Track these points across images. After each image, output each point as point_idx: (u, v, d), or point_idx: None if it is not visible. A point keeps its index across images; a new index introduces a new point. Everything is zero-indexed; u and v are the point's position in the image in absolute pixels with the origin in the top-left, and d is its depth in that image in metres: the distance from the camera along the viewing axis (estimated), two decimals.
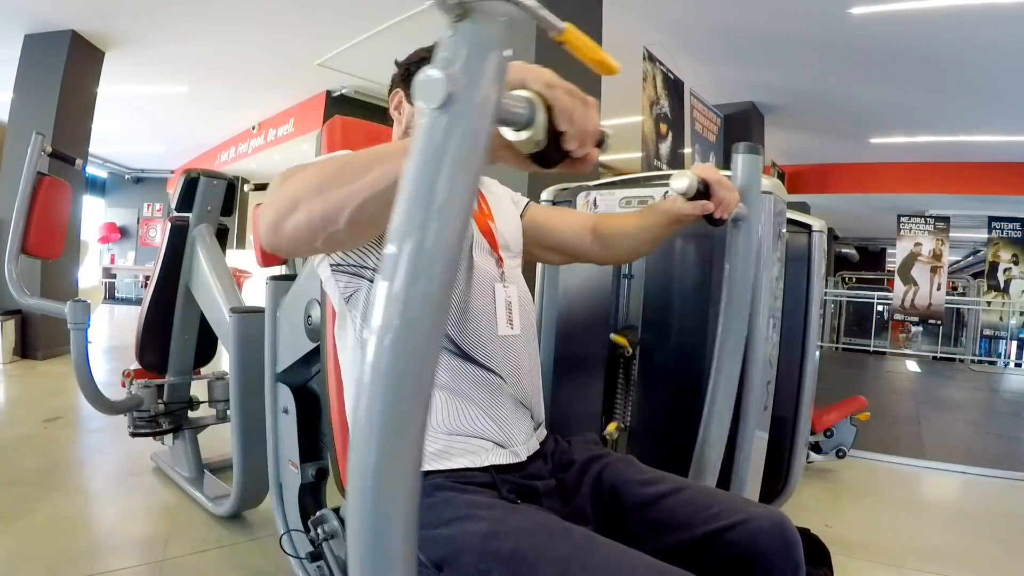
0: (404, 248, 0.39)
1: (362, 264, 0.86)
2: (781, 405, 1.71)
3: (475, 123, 0.41)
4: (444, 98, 0.40)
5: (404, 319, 0.38)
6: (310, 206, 0.61)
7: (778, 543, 0.77)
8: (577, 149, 0.53)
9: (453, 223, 0.40)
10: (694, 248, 1.49)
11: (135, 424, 2.21)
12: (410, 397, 0.39)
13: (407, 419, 0.39)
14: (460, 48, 0.41)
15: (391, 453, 0.38)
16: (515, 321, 0.92)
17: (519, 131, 0.49)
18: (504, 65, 0.42)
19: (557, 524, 0.75)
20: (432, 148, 0.40)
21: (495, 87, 0.42)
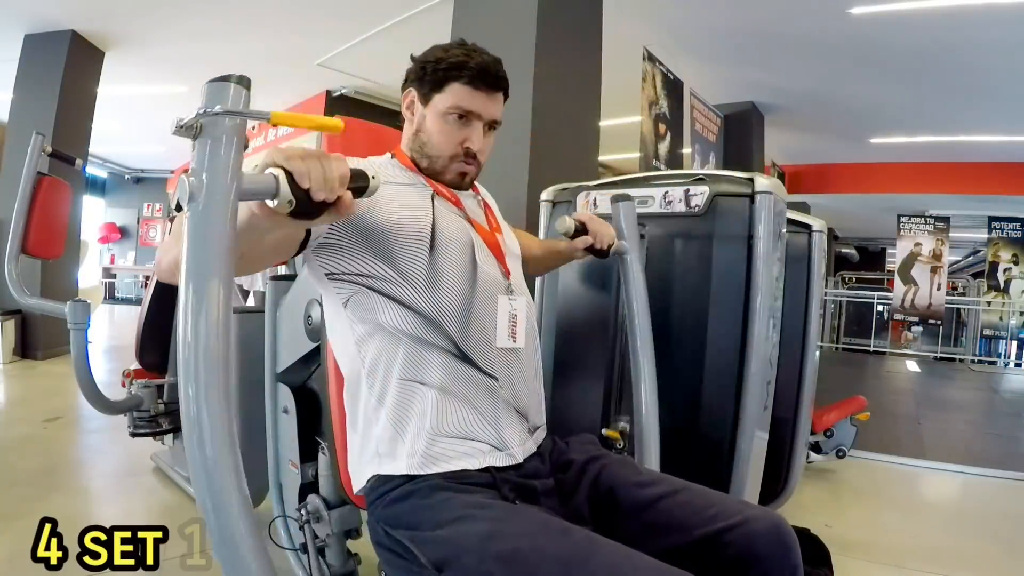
0: (187, 300, 0.55)
1: (358, 272, 0.86)
2: (781, 405, 1.71)
3: (220, 209, 0.55)
4: (189, 196, 0.55)
5: (192, 363, 0.54)
6: (169, 252, 0.72)
7: (775, 546, 0.77)
8: (328, 197, 0.62)
9: (219, 284, 0.55)
10: (695, 251, 1.49)
11: (135, 424, 2.21)
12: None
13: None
14: (200, 158, 0.56)
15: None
16: (519, 335, 0.92)
17: (273, 200, 0.60)
18: (237, 158, 0.56)
19: (557, 524, 0.75)
20: (192, 233, 0.55)
21: (228, 178, 0.56)
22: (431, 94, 0.93)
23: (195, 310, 0.54)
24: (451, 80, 0.91)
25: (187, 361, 0.54)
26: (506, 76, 0.96)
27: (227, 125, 0.57)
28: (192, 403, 0.53)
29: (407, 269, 0.86)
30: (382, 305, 0.85)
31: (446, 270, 0.88)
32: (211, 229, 0.55)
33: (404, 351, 0.85)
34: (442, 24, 2.66)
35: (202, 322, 0.54)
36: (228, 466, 0.53)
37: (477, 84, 0.92)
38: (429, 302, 0.86)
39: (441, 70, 0.91)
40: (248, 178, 0.59)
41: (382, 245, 0.85)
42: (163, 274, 0.73)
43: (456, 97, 0.92)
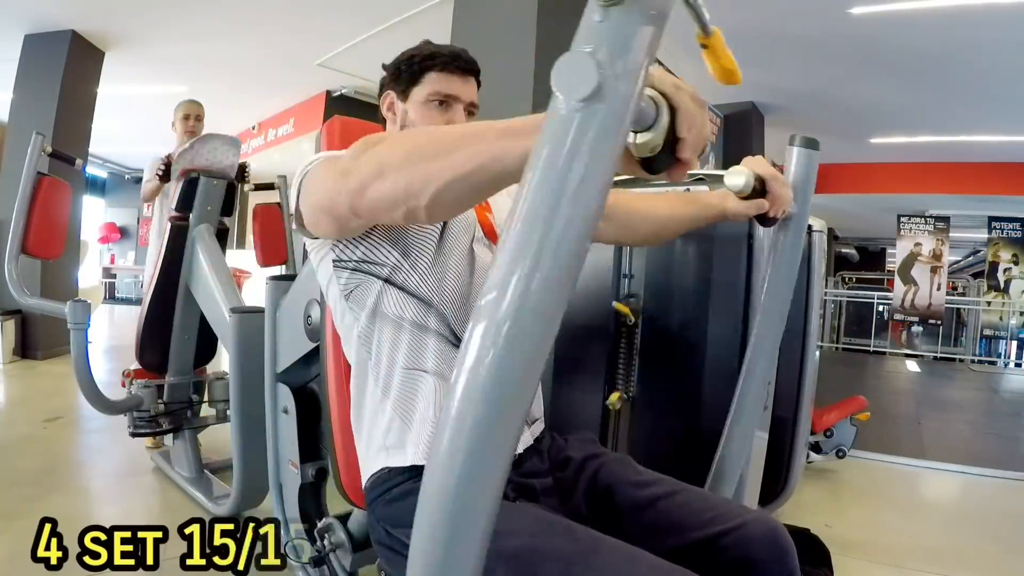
0: (523, 257, 0.37)
1: (369, 259, 0.85)
2: (781, 405, 1.71)
3: (618, 121, 0.37)
4: (592, 90, 0.36)
5: (516, 326, 0.36)
6: (396, 176, 0.60)
7: (771, 551, 0.76)
8: (690, 157, 0.51)
9: (579, 232, 0.37)
10: (694, 246, 1.49)
11: (135, 424, 2.21)
12: (523, 382, 0.38)
13: (520, 399, 0.38)
14: (611, 35, 0.37)
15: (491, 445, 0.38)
16: None
17: (640, 133, 0.47)
18: (652, 61, 0.39)
19: (559, 522, 0.75)
20: (571, 144, 0.36)
21: (642, 83, 0.38)
22: (409, 88, 0.96)
23: (545, 258, 0.37)
24: (426, 70, 0.95)
25: (528, 293, 0.36)
26: (476, 63, 0.99)
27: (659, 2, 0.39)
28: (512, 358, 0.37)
29: (415, 253, 0.86)
30: (385, 292, 0.85)
31: (451, 253, 0.89)
32: (608, 143, 0.37)
33: (407, 339, 0.85)
34: (442, 24, 2.66)
35: (554, 283, 0.37)
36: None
37: (452, 69, 0.95)
38: (433, 288, 0.86)
39: (416, 63, 0.95)
40: None
41: (399, 231, 0.86)
42: (365, 206, 0.64)
43: (434, 84, 0.95)
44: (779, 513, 2.00)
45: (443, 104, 0.95)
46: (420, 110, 0.95)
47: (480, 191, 0.59)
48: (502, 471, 0.40)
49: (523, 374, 0.38)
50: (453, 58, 0.95)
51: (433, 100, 0.94)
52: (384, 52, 1.09)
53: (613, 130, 0.37)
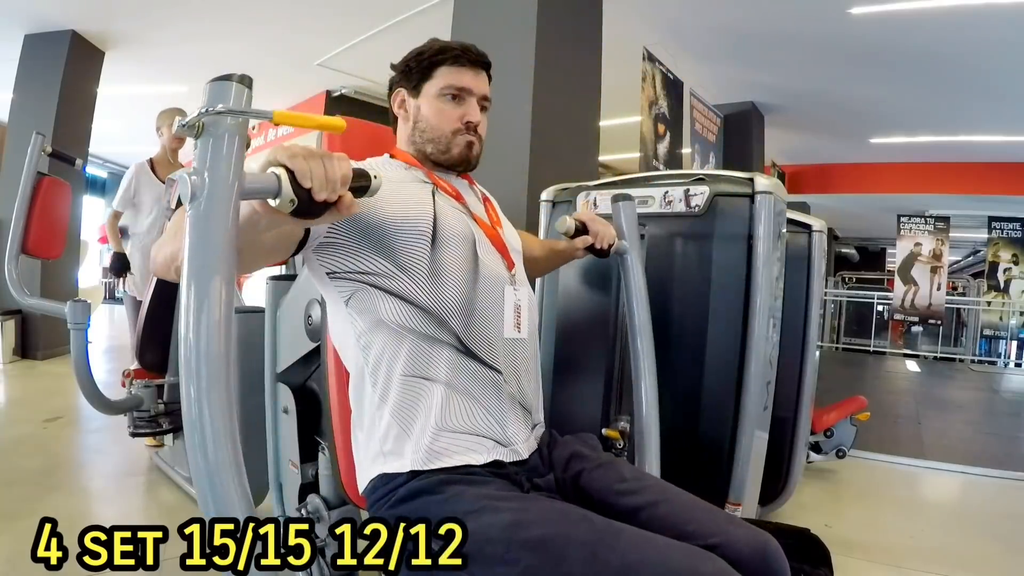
0: (190, 298, 0.55)
1: (359, 269, 0.86)
2: (781, 405, 1.71)
3: (222, 207, 0.55)
4: (191, 195, 0.55)
5: (192, 361, 0.54)
6: (167, 248, 0.72)
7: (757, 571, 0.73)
8: (330, 196, 0.62)
9: (221, 282, 0.55)
10: (695, 251, 1.49)
11: (135, 424, 2.21)
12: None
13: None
14: (202, 156, 0.56)
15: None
16: (523, 325, 0.92)
17: (275, 199, 0.60)
18: (239, 157, 0.57)
19: (575, 511, 0.76)
20: (193, 231, 0.55)
21: (233, 177, 0.56)
22: (421, 84, 0.96)
23: (196, 309, 0.54)
24: (437, 65, 0.95)
25: (188, 360, 0.53)
26: (487, 56, 0.99)
27: (229, 124, 0.57)
28: (194, 403, 0.53)
29: (408, 264, 0.86)
30: (384, 302, 0.85)
31: (448, 264, 0.88)
32: (213, 227, 0.55)
33: (408, 348, 0.85)
34: (442, 24, 2.66)
35: (203, 321, 0.54)
36: (230, 466, 0.53)
37: (463, 62, 0.95)
38: (432, 297, 0.86)
39: (426, 59, 0.96)
40: (250, 177, 0.59)
41: (383, 241, 0.85)
42: (158, 270, 0.74)
43: (446, 78, 0.95)
44: (779, 513, 2.00)
45: (456, 98, 0.95)
46: (433, 104, 0.95)
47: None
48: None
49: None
50: (464, 51, 0.95)
51: (446, 94, 0.95)
52: (384, 52, 1.09)
53: (218, 214, 0.55)
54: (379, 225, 0.85)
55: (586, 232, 1.14)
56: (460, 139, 0.97)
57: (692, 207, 1.46)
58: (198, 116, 0.56)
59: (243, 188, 0.58)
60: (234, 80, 0.58)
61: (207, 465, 0.52)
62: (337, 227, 0.84)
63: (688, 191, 1.47)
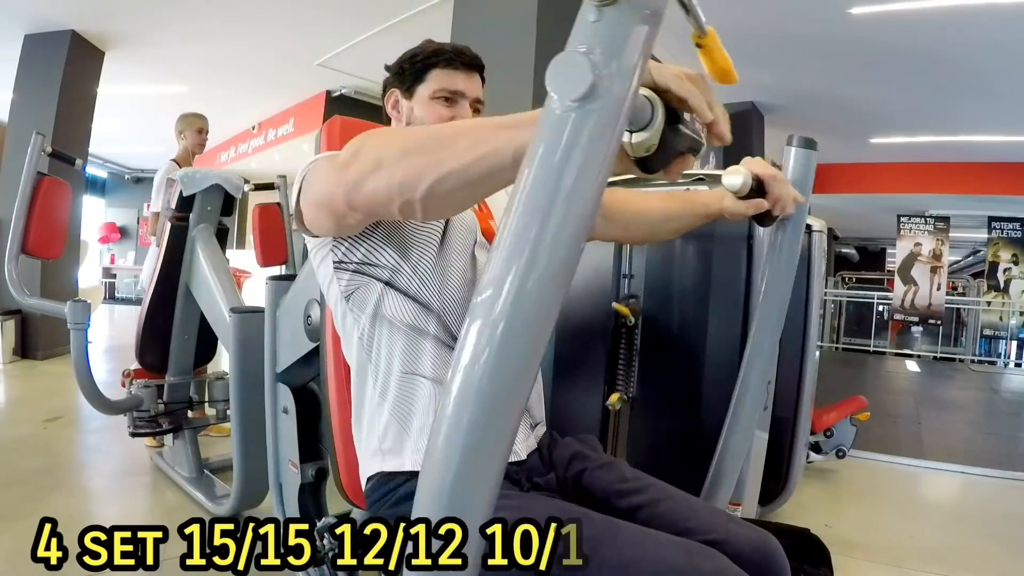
0: (518, 255, 0.38)
1: (370, 262, 0.85)
2: (781, 405, 1.71)
3: (612, 121, 0.37)
4: (587, 89, 0.36)
5: (511, 325, 0.38)
6: (391, 169, 0.60)
7: (758, 570, 0.72)
8: (722, 131, 0.53)
9: (574, 233, 0.38)
10: (694, 246, 1.49)
11: (135, 424, 2.21)
12: (519, 381, 0.39)
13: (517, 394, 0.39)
14: (605, 35, 0.37)
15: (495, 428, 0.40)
16: None
17: (635, 132, 0.47)
18: (647, 60, 0.39)
19: (575, 509, 0.76)
20: (566, 143, 0.36)
21: (637, 83, 0.38)
22: (414, 86, 0.96)
23: (540, 257, 0.37)
24: (431, 67, 0.94)
25: (517, 311, 0.38)
26: (480, 58, 0.98)
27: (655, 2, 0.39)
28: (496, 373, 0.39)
29: (416, 256, 0.86)
30: (385, 296, 0.85)
31: (452, 257, 0.88)
32: (606, 136, 0.38)
33: (403, 343, 0.85)
34: (442, 24, 2.66)
35: (549, 279, 0.38)
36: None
37: (456, 65, 0.95)
38: (433, 292, 0.86)
39: (420, 61, 0.95)
40: None
41: (400, 234, 0.85)
42: (361, 200, 0.64)
43: (439, 81, 0.94)
44: (779, 513, 2.00)
45: (449, 100, 0.94)
46: (426, 107, 0.95)
47: (476, 186, 0.58)
48: (498, 469, 0.41)
49: (519, 373, 0.39)
50: (457, 54, 0.95)
51: (439, 96, 0.94)
52: (384, 52, 1.09)
53: (608, 130, 0.37)
54: None
55: (763, 193, 0.85)
56: None
57: None
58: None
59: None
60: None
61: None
62: None
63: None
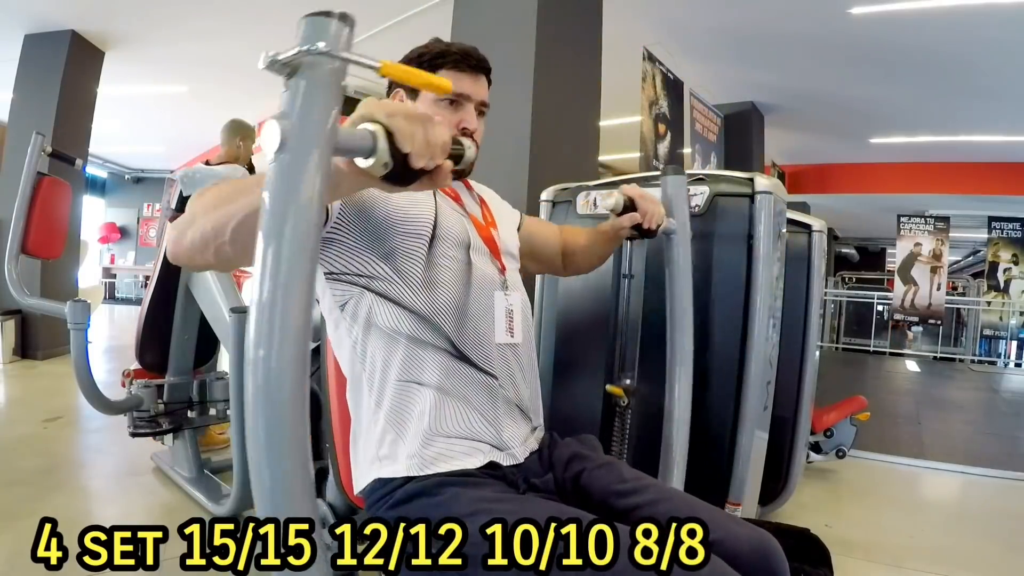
0: (266, 262, 0.47)
1: (357, 272, 0.86)
2: (781, 405, 1.71)
3: (306, 164, 0.48)
4: (279, 144, 0.47)
5: (265, 328, 0.46)
6: (203, 221, 0.67)
7: (758, 570, 0.73)
8: (427, 164, 0.58)
9: (303, 246, 0.47)
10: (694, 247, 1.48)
11: (135, 424, 2.21)
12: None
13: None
14: (293, 100, 0.49)
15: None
16: (516, 330, 0.92)
17: (367, 159, 0.55)
18: (334, 106, 0.49)
19: (567, 511, 0.76)
20: (277, 185, 0.47)
21: (326, 127, 0.49)
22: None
23: (273, 275, 0.46)
24: (437, 68, 0.93)
25: (260, 332, 0.46)
26: (487, 60, 0.98)
27: (327, 66, 0.49)
28: (265, 378, 0.46)
29: (404, 267, 0.86)
30: (379, 306, 0.85)
31: (442, 266, 0.88)
32: (302, 181, 0.47)
33: (402, 352, 0.85)
34: (442, 24, 2.66)
35: (280, 290, 0.46)
36: (299, 463, 0.48)
37: (462, 67, 0.94)
38: (425, 301, 0.86)
39: (426, 61, 0.94)
40: (343, 131, 0.53)
41: (383, 240, 0.85)
42: (184, 252, 0.70)
43: None
44: (779, 513, 2.00)
45: (454, 103, 0.93)
46: (431, 109, 0.93)
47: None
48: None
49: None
50: (464, 56, 0.94)
51: (444, 99, 0.93)
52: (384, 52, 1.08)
53: (308, 170, 0.48)
54: (381, 222, 0.85)
55: (634, 209, 1.05)
56: None
57: (692, 207, 1.46)
58: (296, 54, 0.49)
59: (336, 142, 0.51)
60: (335, 17, 0.51)
61: (272, 456, 0.47)
62: (341, 221, 0.83)
63: (688, 191, 1.46)
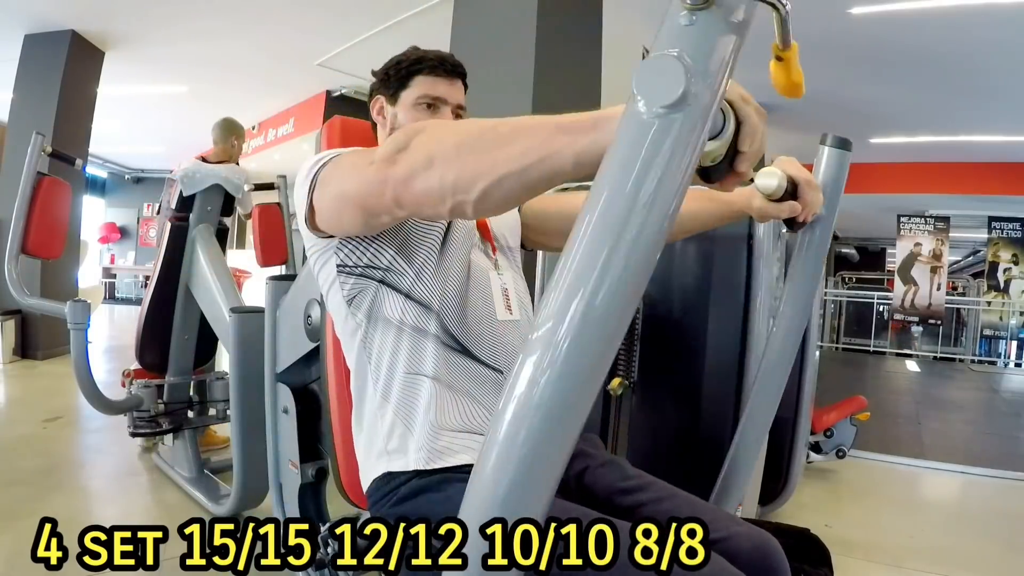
0: (598, 257, 0.37)
1: (373, 264, 0.85)
2: (781, 405, 1.70)
3: (699, 129, 0.37)
4: (679, 96, 0.35)
5: (587, 325, 0.37)
6: (445, 168, 0.58)
7: (758, 568, 0.73)
8: (747, 170, 0.51)
9: (652, 240, 0.37)
10: (694, 246, 1.49)
11: (135, 424, 2.21)
12: (580, 400, 0.40)
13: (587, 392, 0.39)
14: (697, 40, 0.37)
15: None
16: (513, 307, 0.93)
17: (715, 139, 0.46)
18: (734, 68, 0.39)
19: (573, 508, 0.76)
20: (648, 151, 0.35)
21: (722, 91, 0.38)
22: (398, 92, 0.98)
23: (617, 278, 0.37)
24: (414, 74, 0.97)
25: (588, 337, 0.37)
26: (462, 65, 1.01)
27: (749, 7, 0.40)
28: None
29: (418, 258, 0.86)
30: (388, 297, 0.86)
31: (452, 257, 0.89)
32: (691, 148, 0.37)
33: (408, 344, 0.85)
34: (442, 24, 2.66)
35: (619, 298, 0.38)
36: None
37: (438, 72, 0.97)
38: (434, 293, 0.86)
39: (404, 68, 0.98)
40: None
41: (403, 236, 0.86)
42: (411, 198, 0.61)
43: (422, 87, 0.97)
44: (779, 513, 2.00)
45: (431, 107, 0.97)
46: (409, 113, 0.97)
47: (532, 189, 0.57)
48: (552, 487, 0.41)
49: (580, 392, 0.39)
50: (440, 62, 0.98)
51: (421, 103, 0.97)
52: (384, 52, 1.09)
53: (693, 138, 0.36)
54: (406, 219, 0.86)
55: (795, 196, 0.81)
56: None
57: None
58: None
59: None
60: None
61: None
62: None
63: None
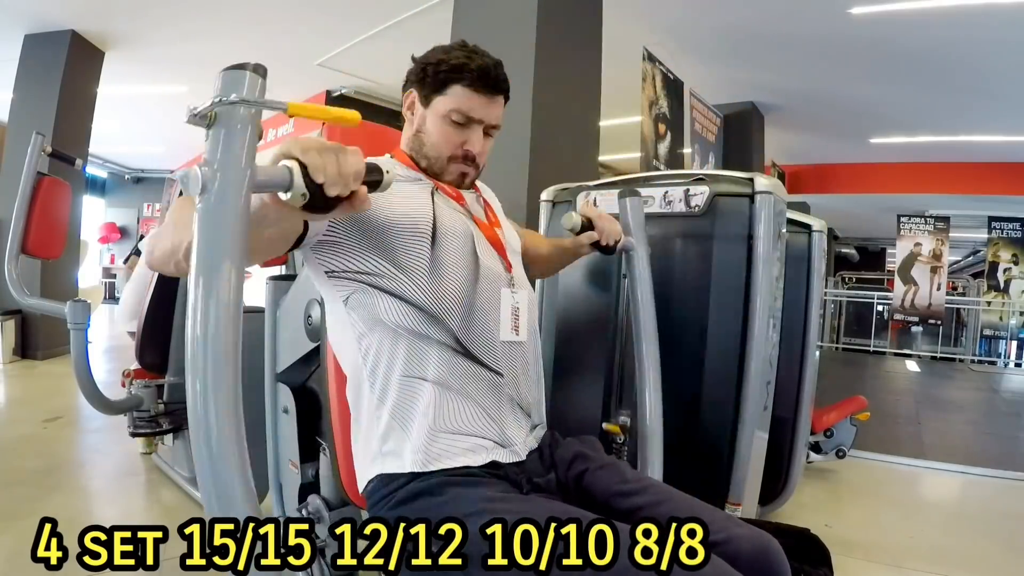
0: (198, 294, 0.54)
1: (359, 269, 0.85)
2: (781, 405, 1.71)
3: (228, 201, 0.55)
4: (201, 188, 0.54)
5: (200, 356, 0.53)
6: (167, 238, 0.71)
7: (759, 571, 0.73)
8: (342, 191, 0.62)
9: (230, 279, 0.54)
10: (695, 251, 1.49)
11: (135, 424, 2.21)
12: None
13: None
14: (213, 147, 0.55)
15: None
16: (521, 327, 0.92)
17: (286, 192, 0.60)
18: (252, 148, 0.56)
19: (571, 511, 0.76)
20: (204, 224, 0.55)
21: (243, 169, 0.55)
22: (432, 96, 0.94)
23: (204, 303, 0.53)
24: (452, 83, 0.91)
25: (196, 356, 0.53)
26: (507, 79, 0.96)
27: (242, 114, 0.56)
28: (200, 399, 0.52)
29: (408, 263, 0.85)
30: (383, 301, 0.85)
31: (447, 261, 0.88)
32: (223, 220, 0.54)
33: (405, 347, 0.85)
34: (442, 24, 2.66)
35: (212, 316, 0.53)
36: (235, 464, 0.53)
37: (478, 87, 0.92)
38: (431, 294, 0.85)
39: (442, 72, 0.92)
40: (262, 169, 0.58)
41: (382, 240, 0.85)
42: (155, 262, 0.73)
43: (457, 100, 0.92)
44: (779, 513, 2.00)
45: (461, 125, 0.93)
46: (437, 124, 0.93)
47: None
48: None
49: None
50: (482, 75, 0.91)
51: (453, 118, 0.92)
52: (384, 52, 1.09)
53: (228, 208, 0.55)
54: (379, 224, 0.85)
55: (592, 228, 1.14)
56: (454, 167, 0.96)
57: (692, 207, 1.46)
58: (211, 105, 0.55)
59: (255, 180, 0.57)
60: (248, 69, 0.57)
61: (212, 463, 0.52)
62: (336, 225, 0.83)
63: (688, 191, 1.46)
